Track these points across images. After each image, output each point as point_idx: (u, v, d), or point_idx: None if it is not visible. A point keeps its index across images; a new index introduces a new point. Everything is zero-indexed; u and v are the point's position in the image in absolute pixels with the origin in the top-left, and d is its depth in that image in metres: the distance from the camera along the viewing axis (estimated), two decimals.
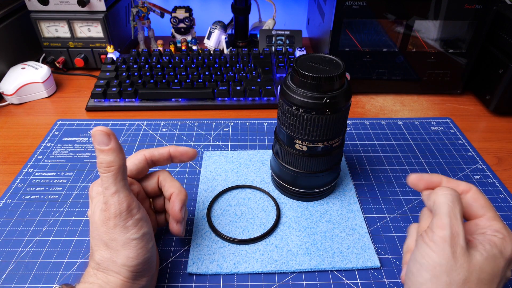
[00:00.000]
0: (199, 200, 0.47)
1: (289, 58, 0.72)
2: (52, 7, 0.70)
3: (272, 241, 0.42)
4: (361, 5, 0.58)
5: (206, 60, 0.71)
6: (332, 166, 0.44)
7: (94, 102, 0.64)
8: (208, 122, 0.61)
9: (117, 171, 0.32)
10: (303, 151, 0.41)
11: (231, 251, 0.41)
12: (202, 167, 0.51)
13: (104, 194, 0.32)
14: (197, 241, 0.42)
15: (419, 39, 0.63)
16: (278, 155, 0.44)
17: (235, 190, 0.48)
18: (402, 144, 0.57)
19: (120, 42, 0.79)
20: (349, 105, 0.40)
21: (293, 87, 0.38)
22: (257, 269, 0.39)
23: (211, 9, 1.00)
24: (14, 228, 0.43)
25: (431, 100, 0.68)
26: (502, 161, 0.54)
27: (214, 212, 0.45)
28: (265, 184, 0.49)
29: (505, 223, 0.44)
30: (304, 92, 0.37)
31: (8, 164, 0.53)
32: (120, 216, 0.31)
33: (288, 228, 0.43)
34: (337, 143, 0.42)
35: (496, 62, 0.61)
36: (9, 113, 0.64)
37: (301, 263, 0.39)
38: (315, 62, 0.39)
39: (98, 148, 0.32)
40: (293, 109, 0.38)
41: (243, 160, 0.53)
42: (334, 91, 0.37)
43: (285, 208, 0.45)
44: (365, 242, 0.41)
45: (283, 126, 0.41)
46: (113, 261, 0.31)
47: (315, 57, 0.40)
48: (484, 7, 0.59)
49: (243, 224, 0.43)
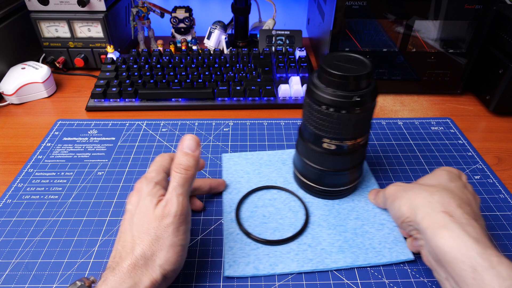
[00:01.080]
0: (225, 203, 0.46)
1: (289, 58, 0.72)
2: (52, 7, 0.70)
3: (305, 241, 0.42)
4: (361, 5, 0.58)
5: (206, 60, 0.71)
6: (358, 164, 0.44)
7: (94, 102, 0.64)
8: (208, 122, 0.61)
9: (190, 176, 0.34)
10: (331, 150, 0.41)
11: (265, 252, 0.40)
12: (223, 169, 0.51)
13: (170, 192, 0.33)
14: (229, 243, 0.41)
15: (419, 39, 0.63)
16: (303, 153, 0.45)
17: (260, 192, 0.48)
18: (402, 144, 0.57)
19: (120, 42, 0.79)
20: (375, 103, 0.40)
21: (321, 86, 0.38)
22: (294, 269, 0.39)
23: (211, 9, 1.00)
24: (14, 228, 0.43)
25: (431, 100, 0.68)
26: (502, 161, 0.54)
27: (242, 214, 0.45)
28: (289, 184, 0.49)
29: (505, 223, 0.44)
30: (334, 91, 0.37)
31: (8, 164, 0.53)
32: (178, 218, 0.32)
33: (318, 226, 0.43)
34: (363, 141, 0.42)
35: (496, 62, 0.61)
36: (9, 113, 0.64)
37: (337, 261, 0.39)
38: (342, 61, 0.39)
39: (184, 151, 0.34)
40: (322, 108, 0.38)
41: (263, 161, 0.52)
42: (363, 89, 0.38)
43: (312, 207, 0.46)
44: (395, 236, 0.42)
45: (309, 125, 0.41)
46: (153, 259, 0.31)
47: (340, 56, 0.40)
48: (484, 7, 0.59)
49: (273, 225, 0.43)
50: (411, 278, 0.38)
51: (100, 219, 0.44)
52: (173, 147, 0.56)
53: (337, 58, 0.39)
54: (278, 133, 0.59)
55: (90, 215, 0.45)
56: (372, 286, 0.38)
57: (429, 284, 0.38)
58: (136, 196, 0.35)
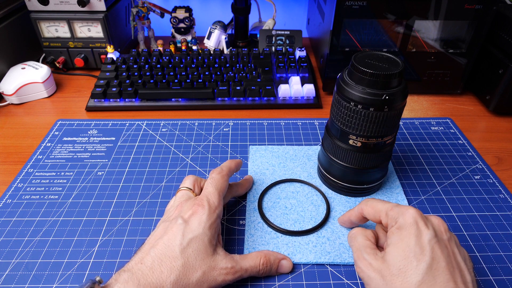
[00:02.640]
0: (249, 193, 0.48)
1: (289, 58, 0.72)
2: (52, 7, 0.70)
3: (324, 234, 0.42)
4: (361, 5, 0.58)
5: (206, 60, 0.71)
6: (383, 163, 0.44)
7: (94, 102, 0.64)
8: (208, 122, 0.61)
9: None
10: (356, 147, 0.42)
11: (284, 242, 0.41)
12: (249, 161, 0.53)
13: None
14: (250, 231, 0.43)
15: (419, 39, 0.63)
16: (328, 149, 0.45)
17: (283, 184, 0.49)
18: (402, 144, 0.57)
19: (120, 42, 0.79)
20: (405, 103, 0.40)
21: (351, 83, 0.39)
22: (311, 260, 0.40)
23: (211, 9, 1.00)
24: (14, 228, 0.43)
25: (431, 100, 0.68)
26: (502, 161, 0.54)
27: (265, 204, 0.46)
28: (312, 179, 0.50)
29: (505, 223, 0.44)
30: (363, 89, 0.38)
31: (8, 164, 0.53)
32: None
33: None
34: (390, 140, 0.42)
35: (496, 62, 0.61)
36: (9, 113, 0.64)
37: None
38: (373, 60, 0.39)
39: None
40: (351, 105, 0.39)
41: (288, 155, 0.54)
42: (393, 89, 0.38)
43: (333, 203, 0.46)
44: None
45: (337, 122, 0.42)
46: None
47: (372, 55, 0.40)
48: (484, 7, 0.59)
49: (294, 216, 0.44)
50: None
51: (100, 219, 0.44)
52: (173, 147, 0.56)
53: (368, 56, 0.40)
54: (278, 133, 0.59)
55: (90, 215, 0.45)
56: None
57: None
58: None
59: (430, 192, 0.48)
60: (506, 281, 0.38)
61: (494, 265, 0.40)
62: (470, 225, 0.44)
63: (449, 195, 0.48)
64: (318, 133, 0.59)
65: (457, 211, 0.46)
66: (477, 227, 0.44)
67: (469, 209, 0.46)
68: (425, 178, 0.51)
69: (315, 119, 0.62)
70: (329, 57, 0.64)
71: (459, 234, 0.43)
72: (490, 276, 0.39)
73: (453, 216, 0.45)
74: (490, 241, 0.42)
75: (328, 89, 0.69)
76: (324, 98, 0.68)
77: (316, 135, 0.58)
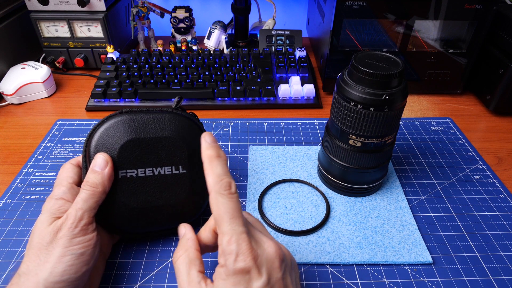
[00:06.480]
0: (249, 192, 0.48)
1: (289, 58, 0.72)
2: (52, 7, 0.70)
3: (324, 234, 0.42)
4: (361, 5, 0.58)
5: (206, 60, 0.71)
6: (383, 163, 0.44)
7: (94, 102, 0.64)
8: (208, 122, 0.61)
9: (96, 193, 0.35)
10: (356, 147, 0.42)
11: (284, 242, 0.42)
12: (249, 161, 0.53)
13: (71, 207, 0.34)
14: None
15: (419, 39, 0.63)
16: (328, 149, 0.45)
17: (283, 184, 0.49)
18: (402, 144, 0.57)
19: (120, 42, 0.79)
20: (405, 103, 0.40)
21: (351, 83, 0.39)
22: (311, 260, 0.40)
23: (211, 9, 1.00)
24: (14, 228, 0.43)
25: (431, 100, 0.68)
26: (502, 161, 0.54)
27: (265, 204, 0.46)
28: (312, 179, 0.50)
29: (505, 223, 0.44)
30: (363, 89, 0.38)
31: (8, 164, 0.53)
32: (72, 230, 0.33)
33: (338, 222, 0.44)
34: (390, 140, 0.43)
35: (496, 62, 0.61)
36: (9, 113, 0.64)
37: (354, 256, 0.40)
38: (373, 60, 0.39)
39: (93, 169, 0.36)
40: (351, 105, 0.39)
41: (288, 155, 0.54)
42: (393, 89, 0.38)
43: (333, 203, 0.46)
44: (415, 238, 0.42)
45: (337, 122, 0.42)
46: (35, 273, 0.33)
47: (372, 55, 0.40)
48: (484, 7, 0.59)
49: (294, 216, 0.45)
50: (411, 278, 0.38)
51: None
52: None
53: (368, 56, 0.40)
54: (278, 133, 0.59)
55: None
56: (372, 286, 0.38)
57: (429, 284, 0.38)
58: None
59: (430, 192, 0.48)
60: (506, 281, 0.38)
61: (494, 265, 0.40)
62: (470, 225, 0.44)
63: (449, 195, 0.48)
64: (318, 133, 0.59)
65: (457, 211, 0.46)
66: (477, 227, 0.44)
67: (469, 209, 0.46)
68: (425, 178, 0.51)
69: (315, 119, 0.62)
70: (329, 57, 0.64)
71: (459, 234, 0.43)
72: (490, 276, 0.39)
73: (453, 216, 0.45)
74: (490, 241, 0.42)
75: (328, 89, 0.69)
76: (324, 98, 0.68)
77: (316, 135, 0.58)
